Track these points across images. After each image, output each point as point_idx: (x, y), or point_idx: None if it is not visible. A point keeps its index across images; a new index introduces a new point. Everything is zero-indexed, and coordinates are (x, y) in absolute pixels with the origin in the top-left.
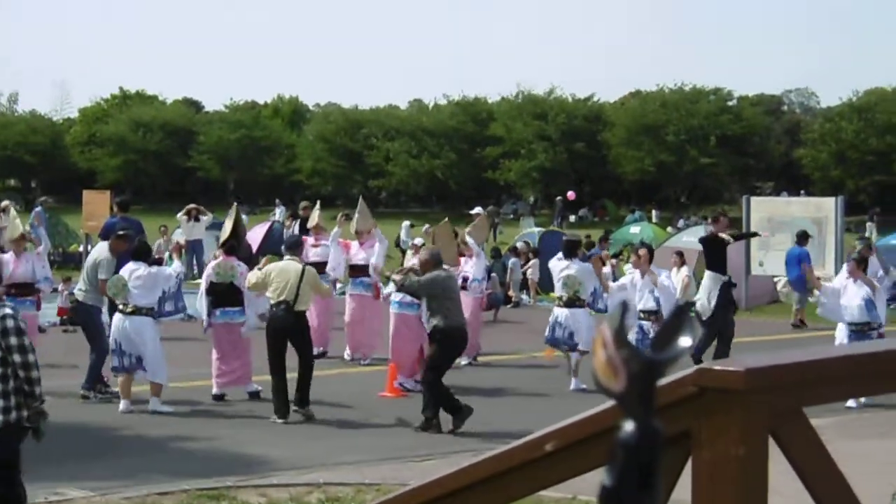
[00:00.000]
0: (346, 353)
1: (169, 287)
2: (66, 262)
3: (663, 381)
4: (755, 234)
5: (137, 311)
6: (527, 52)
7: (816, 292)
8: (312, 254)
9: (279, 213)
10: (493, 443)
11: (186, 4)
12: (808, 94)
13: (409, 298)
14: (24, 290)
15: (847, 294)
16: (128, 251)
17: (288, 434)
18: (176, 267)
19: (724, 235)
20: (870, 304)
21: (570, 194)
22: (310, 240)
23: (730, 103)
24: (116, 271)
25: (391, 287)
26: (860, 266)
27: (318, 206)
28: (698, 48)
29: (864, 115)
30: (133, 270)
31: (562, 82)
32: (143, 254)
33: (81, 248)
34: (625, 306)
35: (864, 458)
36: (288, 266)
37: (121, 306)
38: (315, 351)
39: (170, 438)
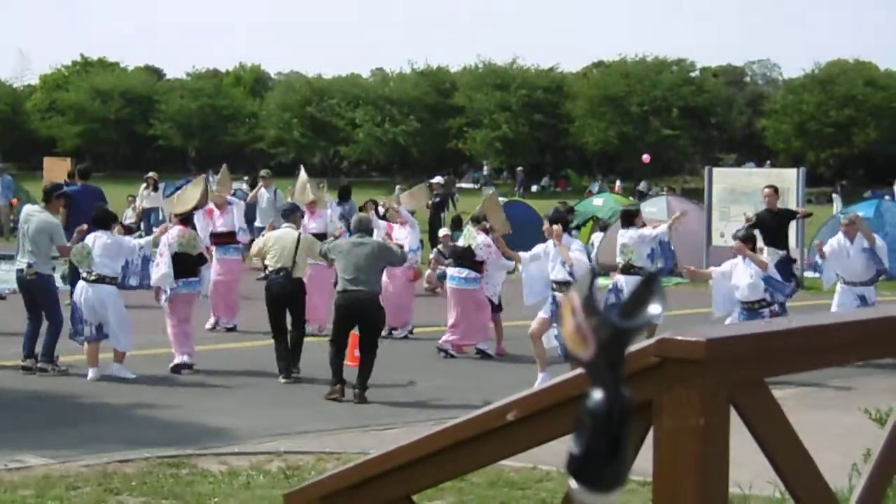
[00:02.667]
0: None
1: (132, 259)
2: None
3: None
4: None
5: (101, 280)
6: (490, 22)
7: (710, 282)
8: (311, 228)
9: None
10: (456, 412)
11: None
12: (771, 66)
13: (472, 274)
14: None
15: (736, 273)
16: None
17: (250, 403)
18: (142, 240)
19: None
20: (768, 280)
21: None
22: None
23: (692, 74)
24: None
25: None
26: (747, 244)
27: (303, 176)
28: (661, 19)
29: (825, 87)
30: (97, 238)
31: (524, 53)
32: (107, 221)
33: None
34: (593, 273)
35: (824, 428)
36: (285, 234)
37: (84, 274)
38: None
39: (131, 406)
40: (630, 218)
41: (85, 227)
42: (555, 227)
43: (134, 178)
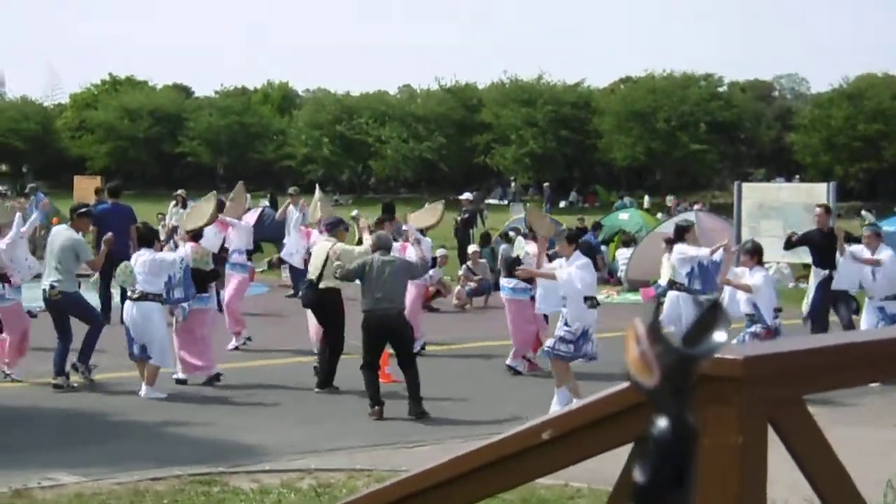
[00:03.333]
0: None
1: (174, 272)
2: None
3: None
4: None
5: (144, 297)
6: (516, 38)
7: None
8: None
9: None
10: (482, 428)
11: None
12: (799, 80)
13: (521, 284)
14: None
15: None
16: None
17: (280, 420)
18: (180, 252)
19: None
20: (750, 302)
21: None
22: (314, 232)
23: (720, 89)
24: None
25: None
26: (753, 257)
27: (317, 194)
28: (689, 34)
29: (854, 101)
30: (139, 256)
31: (551, 69)
32: (149, 239)
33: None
34: (658, 302)
35: (858, 444)
36: (321, 246)
37: (129, 293)
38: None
39: (162, 424)
40: (680, 233)
41: (111, 235)
42: (562, 242)
43: (163, 195)
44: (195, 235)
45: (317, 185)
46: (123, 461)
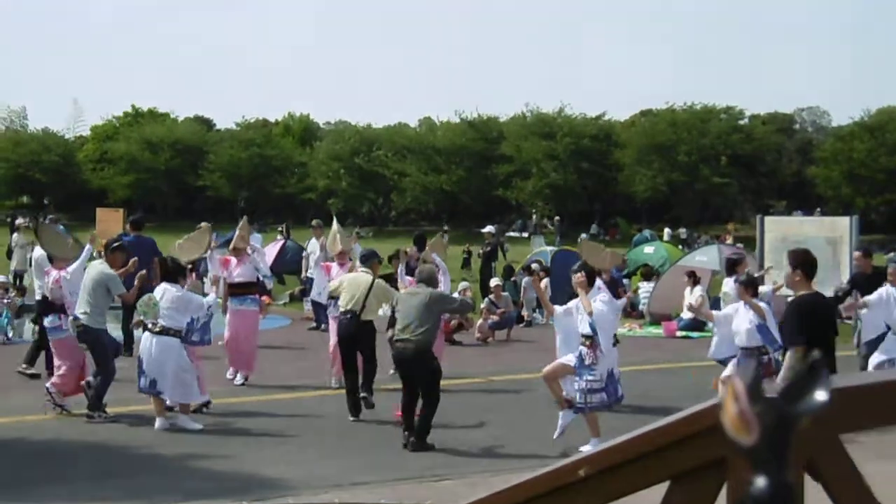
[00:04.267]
0: (334, 380)
1: (199, 317)
2: None
3: (696, 408)
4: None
5: (164, 332)
6: (537, 70)
7: (710, 324)
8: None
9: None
10: (507, 463)
11: (197, 23)
12: (820, 113)
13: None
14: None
15: (737, 319)
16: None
17: (304, 453)
18: (210, 299)
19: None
20: (761, 329)
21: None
22: (334, 266)
23: (741, 122)
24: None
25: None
26: (748, 289)
27: (335, 227)
28: (709, 66)
29: (875, 134)
30: (166, 290)
31: (572, 101)
32: (176, 274)
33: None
34: (759, 361)
35: (893, 479)
36: (359, 277)
37: (149, 325)
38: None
39: (186, 457)
40: (733, 267)
41: (145, 272)
42: (577, 275)
43: (183, 228)
44: (193, 268)
45: (334, 218)
46: (149, 494)
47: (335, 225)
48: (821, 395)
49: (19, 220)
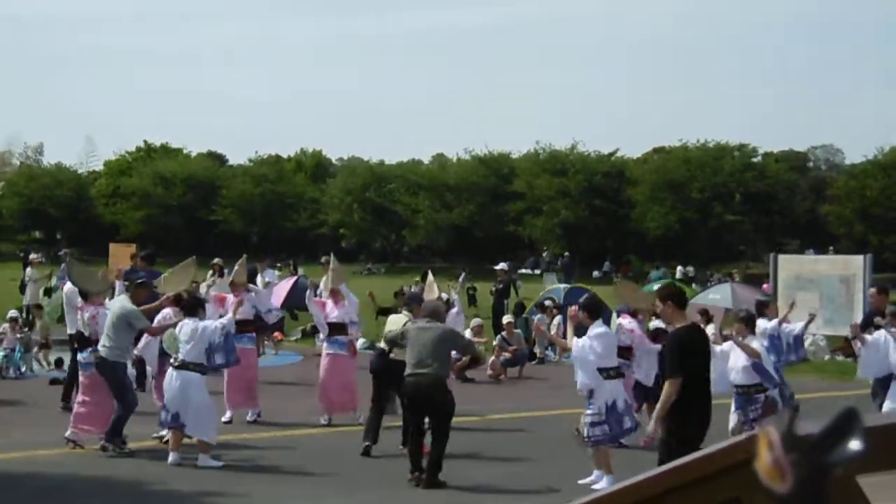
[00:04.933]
0: (323, 418)
1: (214, 339)
2: None
3: (712, 448)
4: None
5: (184, 366)
6: (549, 107)
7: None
8: (333, 316)
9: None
10: (531, 498)
11: (210, 59)
12: (834, 151)
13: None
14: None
15: (733, 355)
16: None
17: (319, 490)
18: (225, 320)
19: None
20: (757, 367)
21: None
22: (328, 302)
23: (754, 160)
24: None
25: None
26: (748, 326)
27: (332, 263)
28: (722, 104)
29: (889, 172)
30: (184, 325)
31: (584, 138)
32: (195, 309)
33: (108, 301)
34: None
35: None
36: (397, 319)
37: (172, 360)
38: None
39: (200, 494)
40: (761, 309)
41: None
42: (571, 308)
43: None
44: (175, 300)
45: (331, 255)
46: None
47: (332, 262)
48: (855, 445)
49: (33, 256)
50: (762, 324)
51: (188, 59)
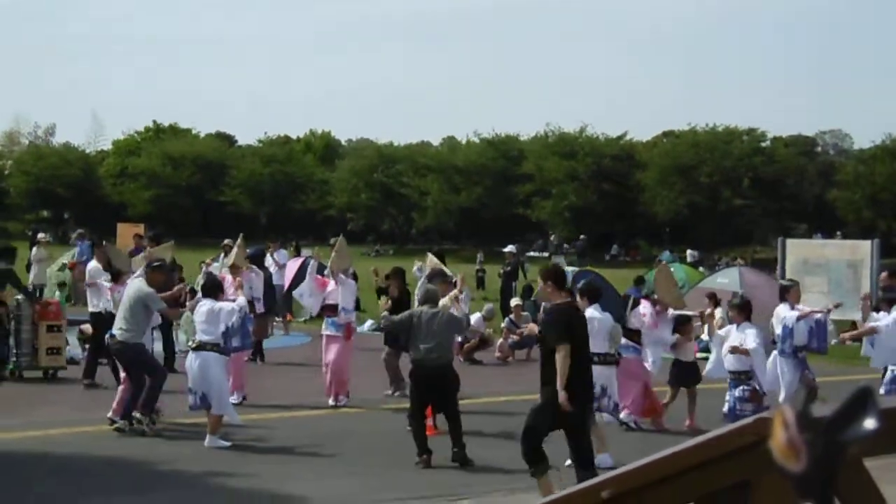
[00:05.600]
0: (330, 399)
1: (232, 322)
2: None
3: (721, 430)
4: None
5: (202, 347)
6: (558, 91)
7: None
8: (332, 298)
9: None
10: (524, 482)
11: (220, 41)
12: (842, 136)
13: (625, 342)
14: None
15: (729, 341)
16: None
17: (325, 471)
18: (239, 302)
19: None
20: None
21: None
22: (331, 282)
23: (763, 144)
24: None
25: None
26: (742, 312)
27: (338, 244)
28: (732, 89)
29: None
30: (200, 306)
31: (593, 121)
32: (213, 290)
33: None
34: (810, 388)
35: None
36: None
37: (190, 342)
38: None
39: (207, 474)
40: (783, 293)
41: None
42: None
43: (204, 244)
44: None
45: (340, 235)
46: None
47: (338, 241)
48: (870, 423)
49: (41, 235)
50: (782, 310)
51: (196, 39)
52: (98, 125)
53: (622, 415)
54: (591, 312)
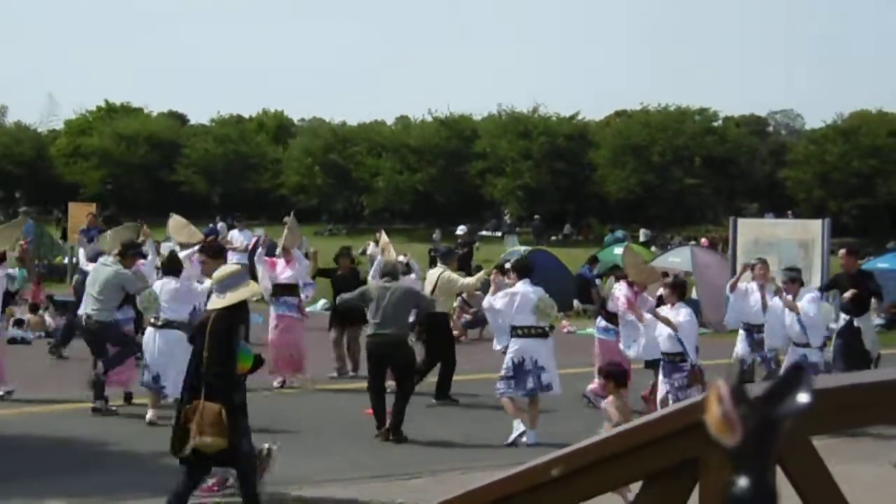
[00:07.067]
0: (276, 381)
1: (200, 303)
2: (52, 273)
3: (669, 409)
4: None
5: (168, 325)
6: (512, 70)
7: (640, 326)
8: (283, 277)
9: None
10: (478, 461)
11: (173, 18)
12: (794, 116)
13: (604, 324)
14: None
15: (661, 324)
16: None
17: (284, 451)
18: (206, 284)
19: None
20: (678, 339)
21: None
22: (280, 262)
23: (715, 124)
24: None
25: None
26: (675, 292)
27: (289, 223)
28: (684, 68)
29: (848, 137)
30: (164, 283)
31: (547, 101)
32: (175, 267)
33: (66, 260)
34: (742, 363)
35: (856, 481)
36: (430, 274)
37: (152, 320)
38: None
39: (160, 454)
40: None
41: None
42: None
43: (157, 223)
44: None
45: (291, 213)
46: (118, 489)
47: (289, 219)
48: (804, 398)
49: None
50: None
51: (150, 17)
52: (53, 104)
53: (588, 387)
54: (518, 287)
